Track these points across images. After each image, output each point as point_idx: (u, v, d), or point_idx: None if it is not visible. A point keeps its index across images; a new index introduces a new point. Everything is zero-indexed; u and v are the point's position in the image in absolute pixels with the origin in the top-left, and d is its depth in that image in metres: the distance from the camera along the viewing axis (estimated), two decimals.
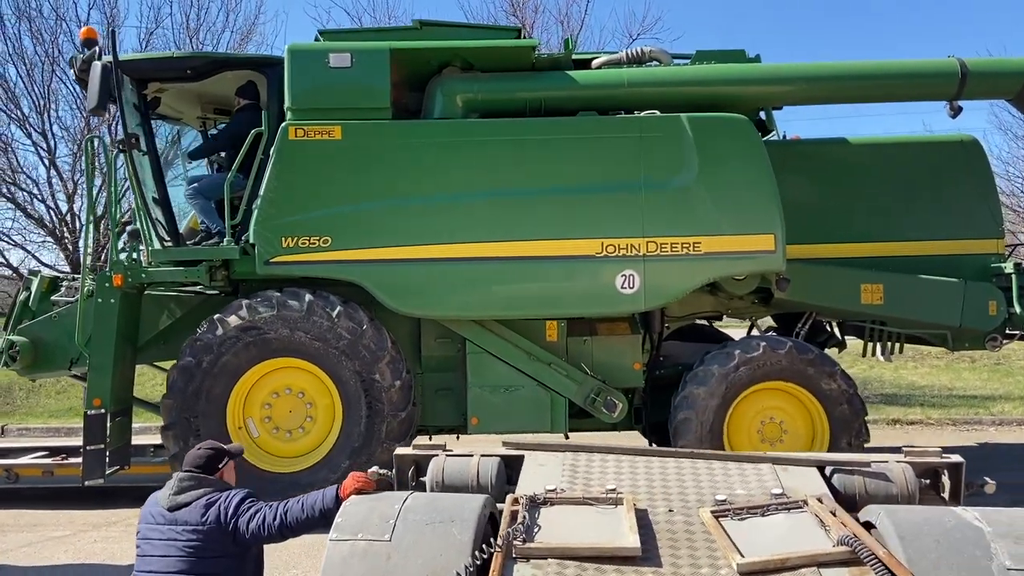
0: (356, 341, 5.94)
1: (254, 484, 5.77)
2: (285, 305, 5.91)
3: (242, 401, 6.10)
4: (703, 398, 6.04)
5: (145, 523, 3.14)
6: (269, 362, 6.02)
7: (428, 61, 6.27)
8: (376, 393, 5.97)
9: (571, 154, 6.09)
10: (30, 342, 6.36)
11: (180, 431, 5.90)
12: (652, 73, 6.39)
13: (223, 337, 5.88)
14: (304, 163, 5.98)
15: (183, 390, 5.91)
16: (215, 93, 7.12)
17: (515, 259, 6.02)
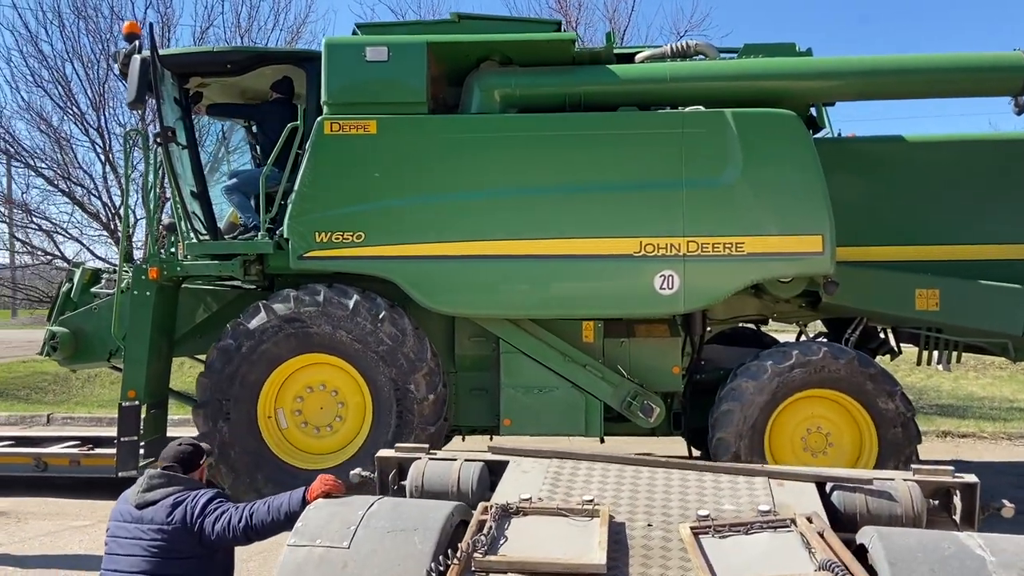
0: (396, 348, 5.90)
1: (277, 477, 5.90)
2: (331, 302, 5.89)
3: (275, 391, 6.11)
4: (751, 392, 5.83)
5: (114, 520, 3.09)
6: (307, 356, 6.02)
7: (466, 55, 6.19)
8: (408, 403, 5.92)
9: (610, 150, 5.94)
10: (71, 333, 6.49)
11: (211, 412, 5.94)
12: (696, 67, 6.19)
13: (266, 325, 5.89)
14: (339, 158, 5.96)
15: (220, 371, 5.94)
16: (257, 88, 7.17)
17: (550, 257, 5.90)
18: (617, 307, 6.00)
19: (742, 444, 5.83)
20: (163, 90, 6.10)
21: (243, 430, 5.98)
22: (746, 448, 5.83)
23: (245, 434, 5.98)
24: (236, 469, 5.96)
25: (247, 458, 5.97)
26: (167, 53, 6.33)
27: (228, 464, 5.95)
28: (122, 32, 6.22)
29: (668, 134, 5.91)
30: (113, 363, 6.62)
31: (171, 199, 6.29)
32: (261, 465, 5.98)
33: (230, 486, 5.96)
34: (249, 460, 5.97)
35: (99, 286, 6.70)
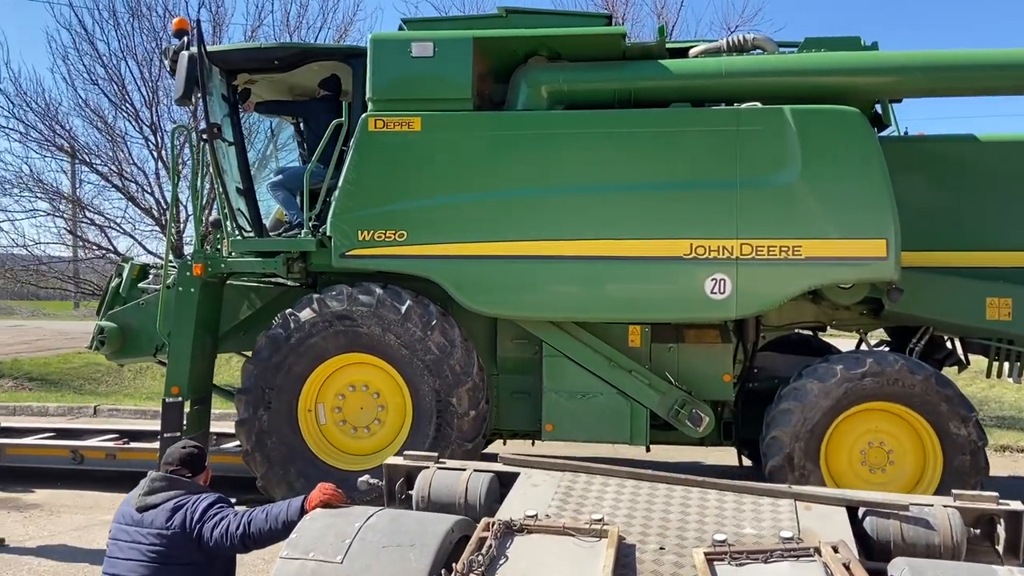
0: (443, 359, 5.82)
1: (309, 472, 5.87)
2: (384, 304, 5.84)
3: (318, 386, 6.09)
4: (815, 394, 5.57)
5: (116, 522, 3.05)
6: (354, 355, 5.99)
7: (513, 50, 6.07)
8: (448, 417, 5.84)
9: (661, 148, 5.76)
10: (118, 328, 6.59)
11: (253, 399, 5.95)
12: (753, 61, 5.96)
13: (316, 319, 5.87)
14: (382, 155, 5.91)
15: (267, 359, 5.94)
16: (304, 84, 7.19)
17: (596, 258, 5.74)
18: (665, 311, 5.81)
19: (797, 446, 5.57)
20: (211, 87, 6.14)
21: (282, 421, 5.97)
22: (800, 451, 5.57)
23: (283, 425, 5.97)
24: (270, 459, 5.96)
25: (283, 449, 5.96)
26: (215, 49, 6.38)
27: (263, 453, 5.95)
28: (171, 29, 6.26)
29: (722, 131, 5.70)
30: (159, 358, 6.70)
31: (217, 195, 6.32)
32: (295, 458, 5.97)
33: (262, 476, 5.96)
34: (284, 452, 5.97)
35: (147, 281, 6.79)
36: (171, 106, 13.44)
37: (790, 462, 5.56)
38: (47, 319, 28.63)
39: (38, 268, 14.32)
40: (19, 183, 13.56)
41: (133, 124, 13.32)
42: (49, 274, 14.41)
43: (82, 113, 13.47)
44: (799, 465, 5.57)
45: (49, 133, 13.30)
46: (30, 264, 14.27)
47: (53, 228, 14.43)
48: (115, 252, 13.60)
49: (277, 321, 5.97)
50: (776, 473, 5.60)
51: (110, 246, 13.80)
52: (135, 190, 13.34)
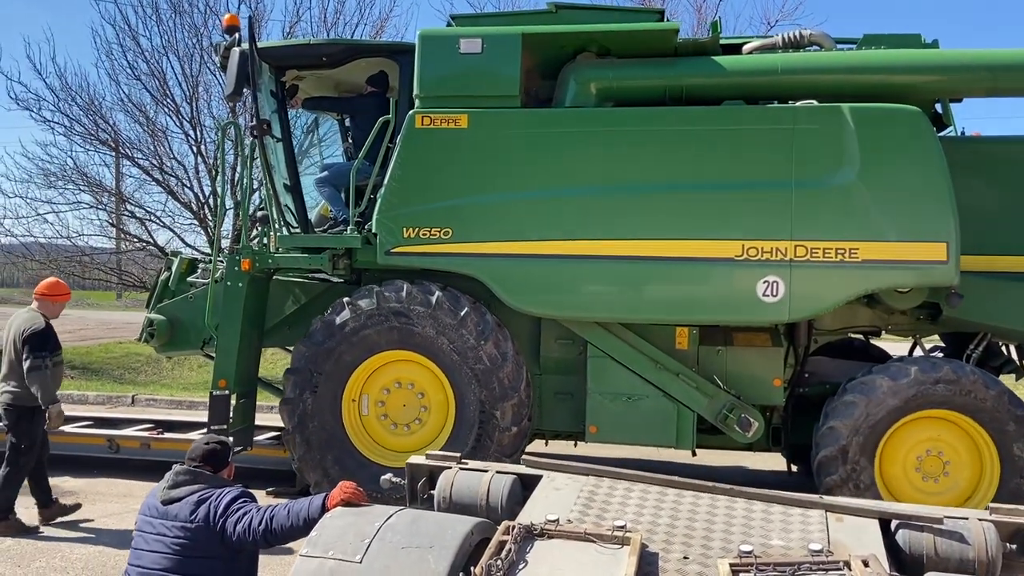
0: (493, 371, 5.83)
1: (345, 461, 5.94)
2: (441, 306, 5.86)
3: (365, 377, 6.14)
4: (884, 391, 5.47)
5: (141, 515, 3.09)
6: (404, 352, 6.02)
7: (562, 46, 6.05)
8: (490, 429, 5.85)
9: (713, 147, 5.69)
10: (167, 321, 6.72)
11: (301, 380, 6.00)
12: (810, 59, 5.86)
13: (374, 311, 5.92)
14: (429, 152, 5.93)
15: (320, 343, 5.99)
16: (351, 81, 7.24)
17: (645, 259, 5.70)
18: (715, 314, 5.75)
19: (855, 440, 5.47)
20: (260, 83, 6.20)
21: (326, 406, 6.02)
22: (857, 446, 5.47)
23: (327, 411, 6.02)
24: (309, 442, 6.01)
25: (323, 435, 6.02)
26: (265, 46, 6.45)
27: (303, 435, 6.01)
28: (222, 25, 6.35)
29: (777, 130, 5.62)
30: (206, 351, 6.81)
31: (264, 191, 6.39)
32: (333, 445, 6.02)
33: (299, 457, 6.01)
34: (324, 437, 6.02)
35: (195, 275, 6.91)
36: (211, 101, 13.68)
37: (844, 455, 5.47)
38: (90, 309, 29.33)
39: (81, 259, 14.64)
40: (64, 176, 13.88)
41: (174, 119, 13.53)
42: (92, 265, 14.71)
43: (125, 108, 13.72)
44: (853, 459, 5.47)
45: (93, 127, 13.56)
46: (74, 255, 14.60)
47: (96, 220, 14.70)
48: (155, 245, 13.87)
49: (336, 306, 6.01)
50: (827, 464, 5.52)
51: (150, 239, 14.08)
52: (175, 184, 13.56)
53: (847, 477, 5.46)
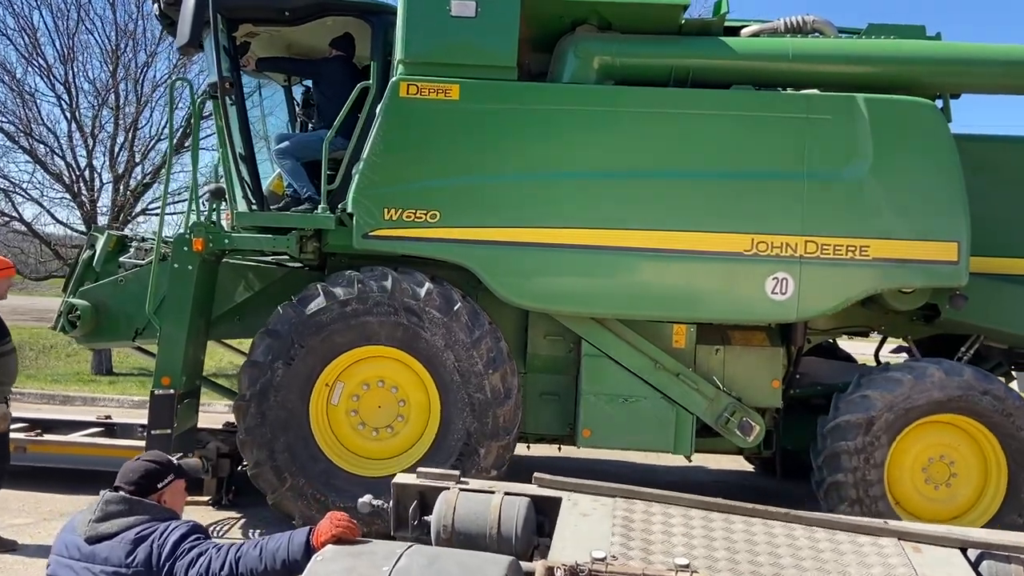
0: (491, 406, 5.33)
1: (298, 449, 5.29)
2: (458, 319, 5.31)
3: (348, 364, 5.50)
4: (934, 380, 5.35)
5: (56, 555, 2.47)
6: (402, 354, 5.42)
7: (561, 16, 5.65)
8: (467, 464, 5.30)
9: (725, 133, 5.44)
10: (91, 307, 5.89)
11: (277, 346, 5.30)
12: (823, 45, 5.68)
13: (384, 299, 5.31)
14: (414, 125, 5.41)
15: (312, 314, 5.29)
16: (308, 43, 6.60)
17: (649, 251, 5.39)
18: (722, 311, 5.51)
19: (885, 416, 5.34)
20: (215, 35, 5.49)
21: (296, 384, 5.36)
22: (886, 423, 5.34)
23: (295, 389, 5.36)
24: (264, 416, 5.33)
25: (282, 414, 5.35)
26: None
27: (260, 408, 5.32)
28: None
29: (790, 118, 5.42)
30: (138, 343, 6.04)
31: (221, 161, 5.69)
32: (290, 428, 5.37)
33: (247, 430, 5.32)
34: (283, 417, 5.36)
35: (127, 255, 6.08)
36: (87, 63, 12.62)
37: (869, 425, 5.33)
38: None
39: None
40: None
41: (45, 80, 12.40)
42: None
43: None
44: (875, 433, 5.32)
45: None
46: None
47: None
48: (20, 220, 12.62)
49: (343, 280, 5.37)
50: (833, 461, 5.38)
51: (14, 213, 12.81)
52: (44, 152, 12.39)
53: (861, 448, 5.32)
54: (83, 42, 12.48)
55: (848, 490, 5.34)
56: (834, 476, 5.38)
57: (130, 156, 13.21)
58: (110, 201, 13.20)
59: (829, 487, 5.42)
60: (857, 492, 5.33)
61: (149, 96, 13.44)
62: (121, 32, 13.18)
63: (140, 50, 13.40)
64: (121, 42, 13.18)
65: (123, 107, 13.21)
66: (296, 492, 5.38)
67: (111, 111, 13.11)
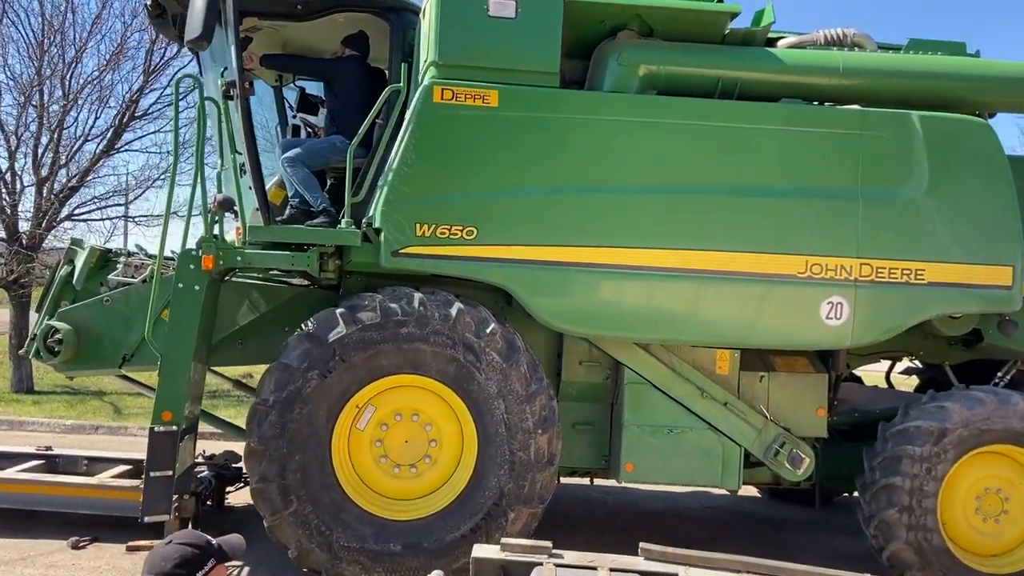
0: (531, 469, 4.93)
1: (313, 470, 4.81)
2: (517, 368, 4.91)
3: (385, 388, 5.02)
4: (964, 417, 5.19)
5: None
6: (449, 392, 4.98)
7: (602, 21, 5.35)
8: (491, 527, 4.89)
9: (777, 149, 5.23)
10: (73, 331, 5.26)
11: (317, 355, 4.80)
12: (874, 60, 5.53)
13: (443, 329, 4.87)
14: (450, 133, 5.02)
15: (364, 327, 4.81)
16: (308, 42, 6.16)
17: (699, 272, 5.12)
18: (775, 337, 5.27)
19: (930, 448, 5.17)
20: (230, 28, 4.99)
21: (327, 400, 4.85)
22: (932, 454, 5.17)
23: (324, 405, 4.85)
24: (285, 430, 4.79)
25: (304, 430, 4.82)
26: None
27: (281, 418, 4.78)
28: None
29: (845, 135, 5.24)
30: (125, 371, 5.43)
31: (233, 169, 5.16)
32: (308, 448, 4.83)
33: (260, 439, 4.76)
34: (304, 434, 4.83)
35: (115, 273, 5.44)
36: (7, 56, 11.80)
37: (922, 461, 5.17)
38: None
39: None
40: None
41: None
42: None
43: None
44: (925, 468, 5.17)
45: None
46: None
47: None
48: None
49: (403, 299, 4.91)
50: (892, 464, 5.21)
51: None
52: None
53: (927, 456, 5.16)
54: (4, 35, 11.79)
55: (901, 496, 5.18)
56: (890, 479, 5.21)
57: (55, 158, 12.43)
58: (33, 206, 12.38)
59: (881, 488, 5.25)
60: (910, 500, 5.18)
61: (77, 94, 12.72)
62: (48, 26, 12.44)
63: (69, 46, 12.71)
64: (47, 37, 12.46)
65: (48, 105, 12.44)
66: (299, 519, 4.83)
67: (36, 109, 12.29)
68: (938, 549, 5.17)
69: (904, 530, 5.16)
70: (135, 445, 9.48)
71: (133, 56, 13.09)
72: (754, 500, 8.05)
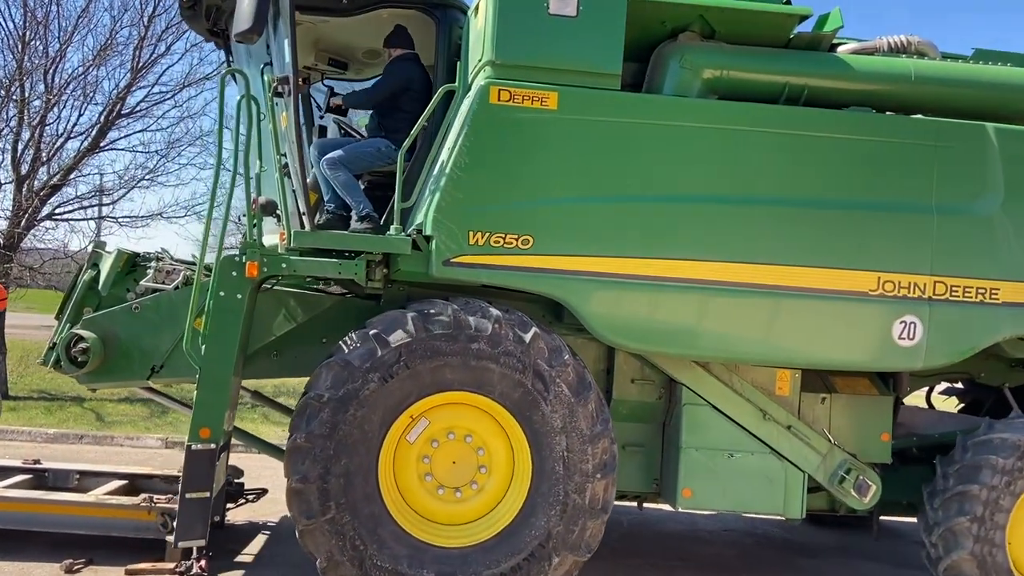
0: (583, 514, 4.67)
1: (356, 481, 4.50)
2: (584, 402, 4.67)
3: (443, 402, 4.76)
4: None
5: None
6: (510, 419, 4.72)
7: (663, 22, 5.14)
8: (534, 569, 4.68)
9: (848, 159, 5.02)
10: (100, 339, 4.98)
11: (383, 360, 4.53)
12: (946, 69, 5.34)
13: (516, 351, 4.63)
14: (506, 136, 4.78)
15: (430, 335, 4.57)
16: (341, 40, 5.93)
17: (764, 288, 4.90)
18: (845, 357, 5.05)
19: (1014, 462, 4.98)
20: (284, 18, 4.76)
21: (384, 406, 4.57)
22: (1014, 467, 4.98)
23: (380, 411, 4.57)
24: (335, 429, 4.49)
25: (354, 434, 4.53)
26: None
27: (334, 417, 4.49)
28: None
29: (919, 146, 5.05)
30: (153, 383, 5.16)
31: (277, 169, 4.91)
32: (356, 454, 4.55)
33: (308, 435, 4.47)
34: (354, 437, 4.54)
35: (147, 279, 5.16)
36: None
37: (1003, 474, 4.99)
38: None
39: None
40: None
41: None
42: None
43: None
44: (1004, 482, 4.98)
45: None
46: None
47: None
48: None
49: (478, 312, 4.67)
50: (971, 473, 5.02)
51: None
52: None
53: (1009, 470, 4.96)
54: None
55: (976, 505, 4.97)
56: (967, 486, 5.01)
57: (36, 155, 12.13)
58: (11, 204, 12.06)
59: (954, 496, 5.05)
60: (983, 510, 4.97)
61: (62, 90, 12.38)
62: (31, 18, 12.11)
63: (53, 40, 12.36)
64: (30, 29, 12.11)
65: (29, 101, 12.14)
66: (334, 528, 4.52)
67: (16, 104, 11.98)
68: (1000, 567, 4.97)
69: (971, 541, 4.95)
70: (122, 456, 9.15)
71: (121, 52, 12.78)
72: (770, 522, 7.84)
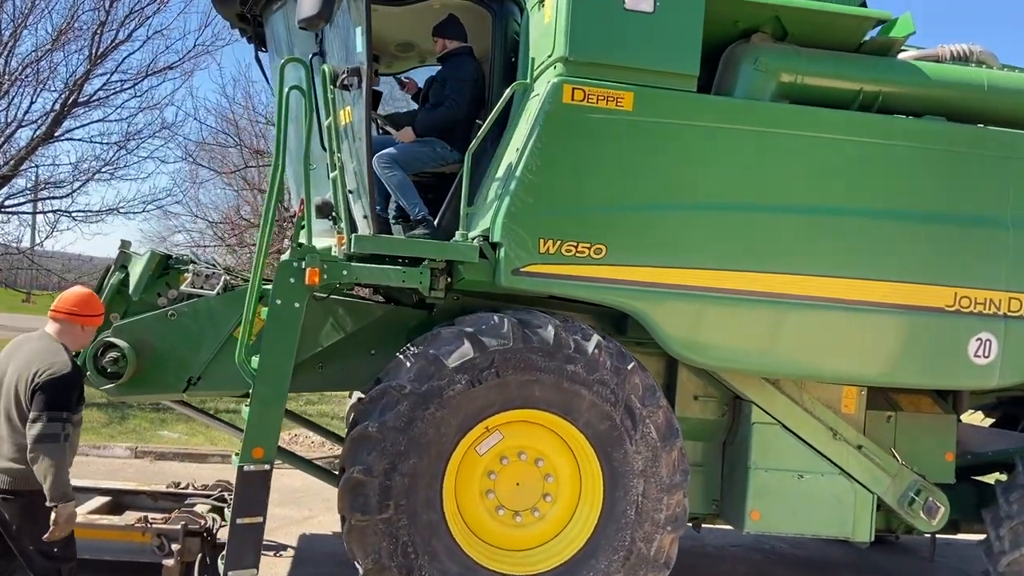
0: (638, 540, 4.53)
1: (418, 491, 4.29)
2: (667, 438, 4.57)
3: (520, 419, 4.55)
4: None
5: None
6: (588, 447, 4.55)
7: (736, 21, 4.99)
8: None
9: (924, 169, 4.93)
10: (132, 348, 4.63)
11: (473, 362, 4.33)
12: (1018, 80, 5.29)
13: (612, 384, 4.48)
14: (579, 138, 4.58)
15: (530, 348, 4.37)
16: (380, 30, 5.65)
17: (842, 302, 4.79)
18: (920, 375, 4.97)
19: None
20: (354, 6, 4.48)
21: (465, 411, 4.36)
22: None
23: (460, 415, 4.36)
24: (411, 424, 4.25)
25: (430, 432, 4.30)
26: None
27: (412, 411, 4.26)
28: None
29: (995, 158, 4.98)
30: (189, 395, 4.83)
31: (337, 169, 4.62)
32: (428, 453, 4.32)
33: (380, 425, 4.26)
34: (430, 437, 4.30)
35: (187, 283, 4.82)
36: None
37: None
38: None
39: None
40: None
41: None
42: None
43: None
44: None
45: None
46: None
47: None
48: None
49: (579, 334, 4.49)
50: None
51: None
52: None
53: None
54: None
55: None
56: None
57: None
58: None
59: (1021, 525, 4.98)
60: None
61: (14, 75, 11.78)
62: None
63: (7, 23, 11.74)
64: None
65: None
66: (388, 529, 4.26)
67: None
68: None
69: None
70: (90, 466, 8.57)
71: (78, 37, 12.17)
72: (775, 538, 7.73)
